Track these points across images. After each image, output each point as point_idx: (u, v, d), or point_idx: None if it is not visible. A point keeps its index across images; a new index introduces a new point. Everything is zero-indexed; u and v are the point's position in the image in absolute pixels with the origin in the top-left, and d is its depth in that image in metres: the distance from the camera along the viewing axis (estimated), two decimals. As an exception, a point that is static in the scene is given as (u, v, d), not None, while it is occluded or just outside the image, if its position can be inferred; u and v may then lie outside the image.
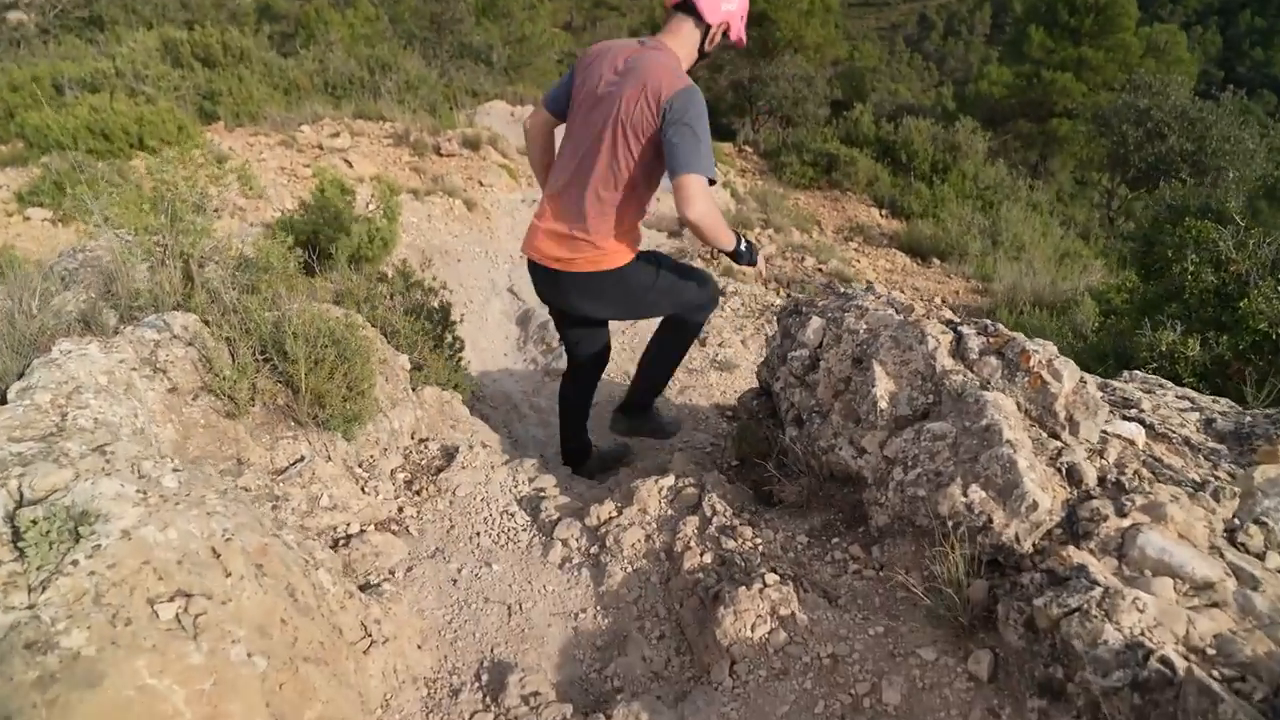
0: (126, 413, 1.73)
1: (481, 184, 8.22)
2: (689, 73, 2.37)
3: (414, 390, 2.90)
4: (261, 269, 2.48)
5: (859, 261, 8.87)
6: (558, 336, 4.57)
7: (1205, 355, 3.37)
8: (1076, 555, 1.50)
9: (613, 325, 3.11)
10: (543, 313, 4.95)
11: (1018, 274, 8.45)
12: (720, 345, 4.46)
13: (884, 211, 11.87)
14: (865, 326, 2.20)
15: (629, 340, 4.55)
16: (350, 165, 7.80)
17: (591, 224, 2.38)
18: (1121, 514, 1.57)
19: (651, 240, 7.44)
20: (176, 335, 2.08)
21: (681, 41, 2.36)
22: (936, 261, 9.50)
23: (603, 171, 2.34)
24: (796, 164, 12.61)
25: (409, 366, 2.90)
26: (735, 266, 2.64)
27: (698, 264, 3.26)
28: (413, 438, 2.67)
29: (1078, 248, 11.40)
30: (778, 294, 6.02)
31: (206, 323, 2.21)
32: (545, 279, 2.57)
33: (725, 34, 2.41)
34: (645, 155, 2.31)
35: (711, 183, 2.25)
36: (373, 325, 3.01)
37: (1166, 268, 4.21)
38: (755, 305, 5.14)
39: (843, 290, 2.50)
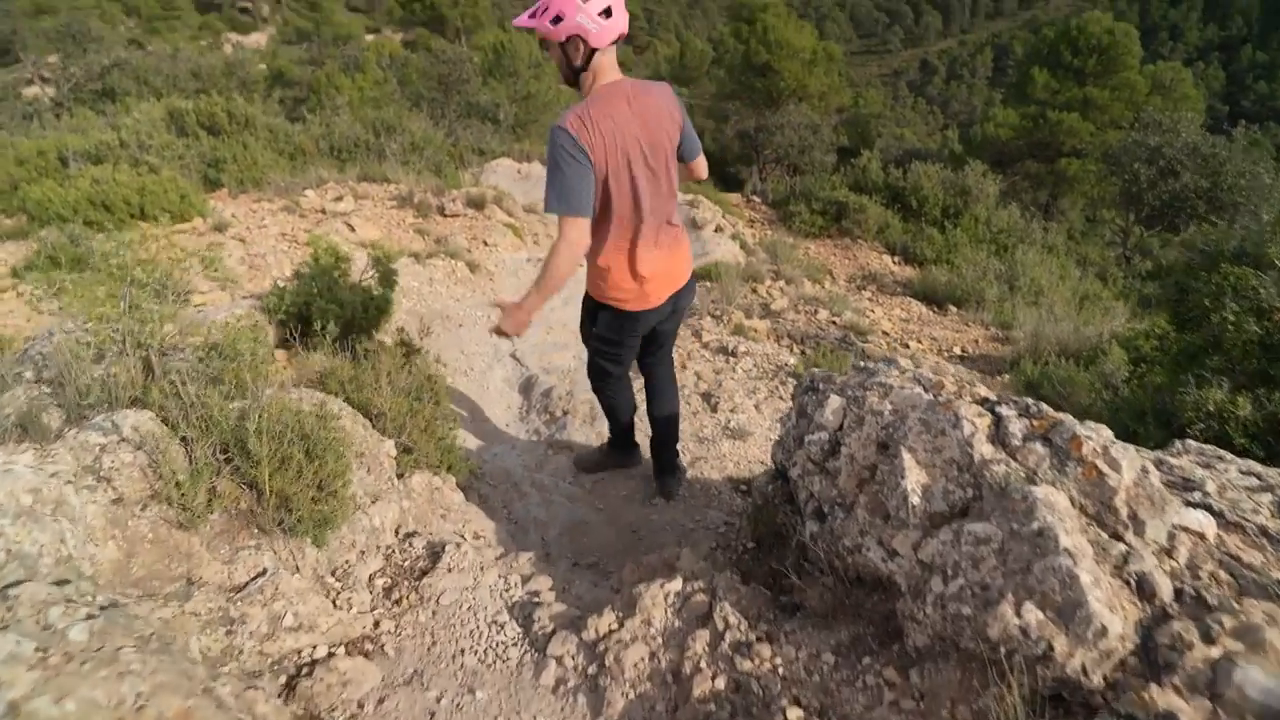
0: (50, 539, 1.52)
1: (486, 244, 8.09)
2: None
3: (401, 478, 2.68)
4: (229, 357, 2.28)
5: (873, 311, 8.65)
6: (561, 406, 4.36)
7: (1257, 415, 3.11)
8: (1161, 697, 1.25)
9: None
10: (547, 379, 4.74)
11: (1038, 320, 8.20)
12: (732, 411, 4.23)
13: (896, 258, 11.69)
14: (890, 407, 1.97)
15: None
16: (352, 229, 7.70)
17: (681, 231, 2.88)
18: (1209, 640, 1.32)
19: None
20: (125, 438, 1.88)
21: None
22: (953, 309, 9.27)
23: (671, 190, 2.72)
24: (805, 213, 12.49)
25: (395, 452, 2.68)
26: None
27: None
28: (397, 533, 2.45)
29: (1096, 290, 11.15)
30: (790, 351, 5.81)
31: (165, 420, 2.01)
32: (663, 308, 2.86)
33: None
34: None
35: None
36: (357, 409, 2.81)
37: (1203, 317, 3.96)
38: (768, 365, 4.91)
39: (863, 364, 2.27)
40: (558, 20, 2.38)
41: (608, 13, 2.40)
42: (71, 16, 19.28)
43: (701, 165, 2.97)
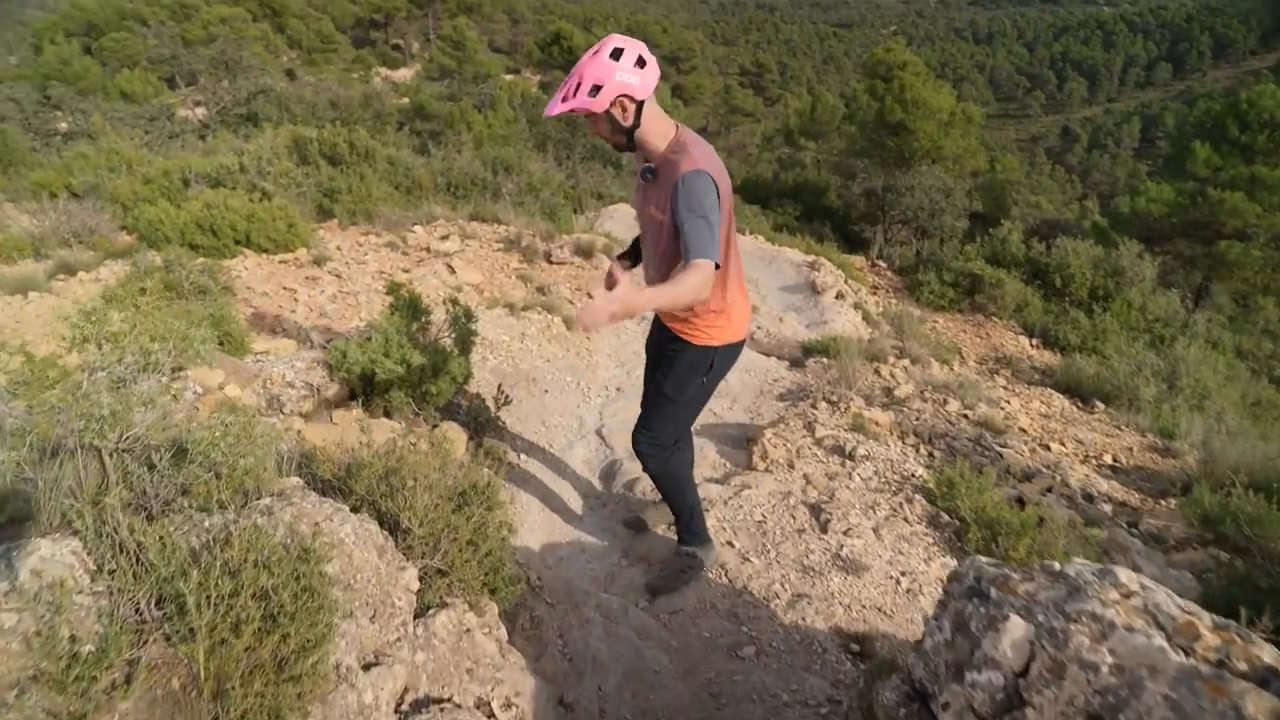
0: None
1: (590, 296, 7.64)
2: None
3: (422, 616, 2.13)
4: (206, 467, 1.78)
5: (1009, 402, 7.71)
6: (645, 492, 3.77)
7: None
8: None
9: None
10: (632, 467, 4.16)
11: (1208, 431, 7.12)
12: (846, 533, 3.52)
13: (1035, 341, 10.64)
14: (1111, 660, 1.27)
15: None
16: (453, 271, 7.39)
17: None
18: None
19: (768, 369, 6.61)
20: (19, 586, 1.38)
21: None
22: (1100, 405, 8.22)
23: None
24: (935, 283, 11.59)
25: (417, 586, 2.13)
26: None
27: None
28: (399, 706, 1.88)
29: (1271, 395, 9.83)
30: (917, 453, 5.04)
31: (95, 557, 1.51)
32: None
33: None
34: None
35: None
36: (382, 519, 2.29)
37: None
38: (891, 475, 4.17)
39: (1059, 568, 1.57)
40: (597, 90, 2.36)
41: (641, 62, 2.38)
42: (225, 44, 20.37)
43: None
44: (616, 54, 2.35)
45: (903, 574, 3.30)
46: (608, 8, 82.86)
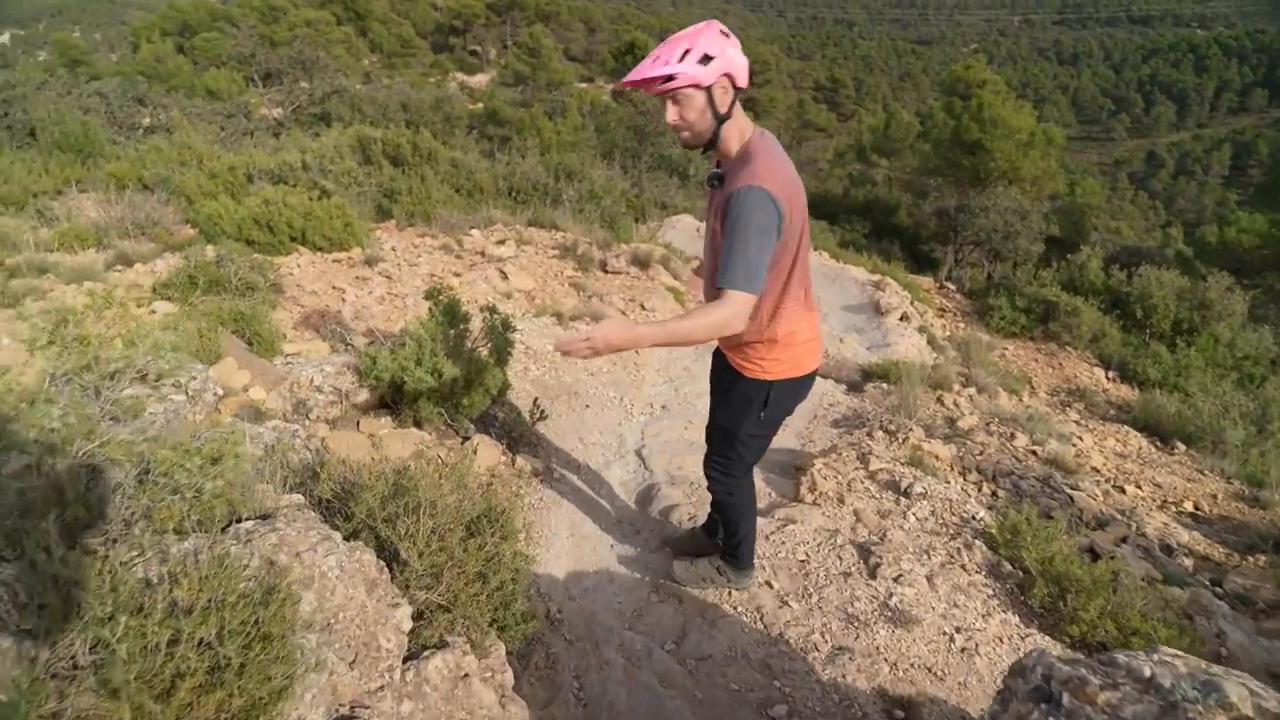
0: None
1: (644, 307, 7.44)
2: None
3: (413, 659, 1.93)
4: (169, 489, 1.61)
5: (1081, 439, 7.26)
6: (682, 522, 3.53)
7: None
8: None
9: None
10: (671, 493, 3.92)
11: (1301, 481, 6.59)
12: (897, 579, 3.23)
13: (1111, 374, 10.08)
14: (1220, 813, 1.00)
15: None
16: (505, 276, 7.26)
17: None
18: None
19: (824, 392, 6.31)
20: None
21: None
22: (1181, 447, 7.69)
23: None
24: (1006, 308, 11.09)
25: (409, 625, 1.94)
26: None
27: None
28: (376, 763, 1.68)
29: (1372, 445, 9.11)
30: (979, 491, 4.69)
31: (30, 588, 1.35)
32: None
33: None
34: None
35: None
36: (381, 547, 2.10)
37: None
38: (950, 518, 3.85)
39: (1149, 674, 1.29)
40: (708, 60, 2.09)
41: (741, 53, 2.17)
42: (304, 45, 20.80)
43: None
44: (726, 35, 2.15)
45: (957, 630, 3.00)
46: (685, 18, 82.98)
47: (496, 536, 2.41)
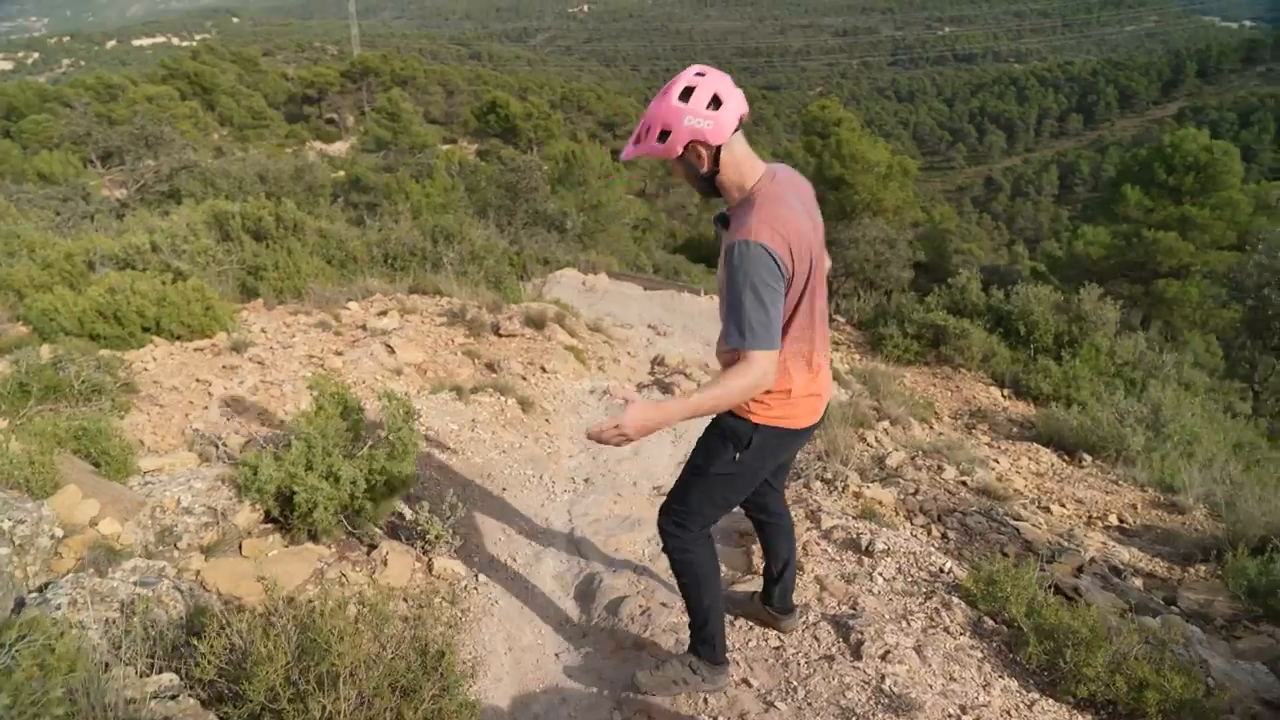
0: None
1: (544, 369, 7.00)
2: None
3: None
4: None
5: (998, 461, 7.23)
6: (636, 629, 3.07)
7: None
8: None
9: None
10: (614, 582, 3.47)
11: (1211, 481, 6.72)
12: (884, 657, 2.88)
13: (1006, 391, 10.28)
14: None
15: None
16: (392, 351, 6.69)
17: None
18: None
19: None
20: None
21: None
22: (1087, 458, 7.79)
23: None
24: (898, 336, 11.21)
25: None
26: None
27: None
28: None
29: (1250, 437, 9.57)
30: (929, 533, 4.45)
31: None
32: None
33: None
34: None
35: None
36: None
37: None
38: (918, 573, 3.54)
39: None
40: (665, 135, 2.16)
41: (716, 103, 2.12)
42: (145, 120, 19.50)
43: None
44: (686, 94, 2.11)
45: (963, 709, 2.67)
46: (541, 77, 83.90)
47: (436, 688, 1.92)
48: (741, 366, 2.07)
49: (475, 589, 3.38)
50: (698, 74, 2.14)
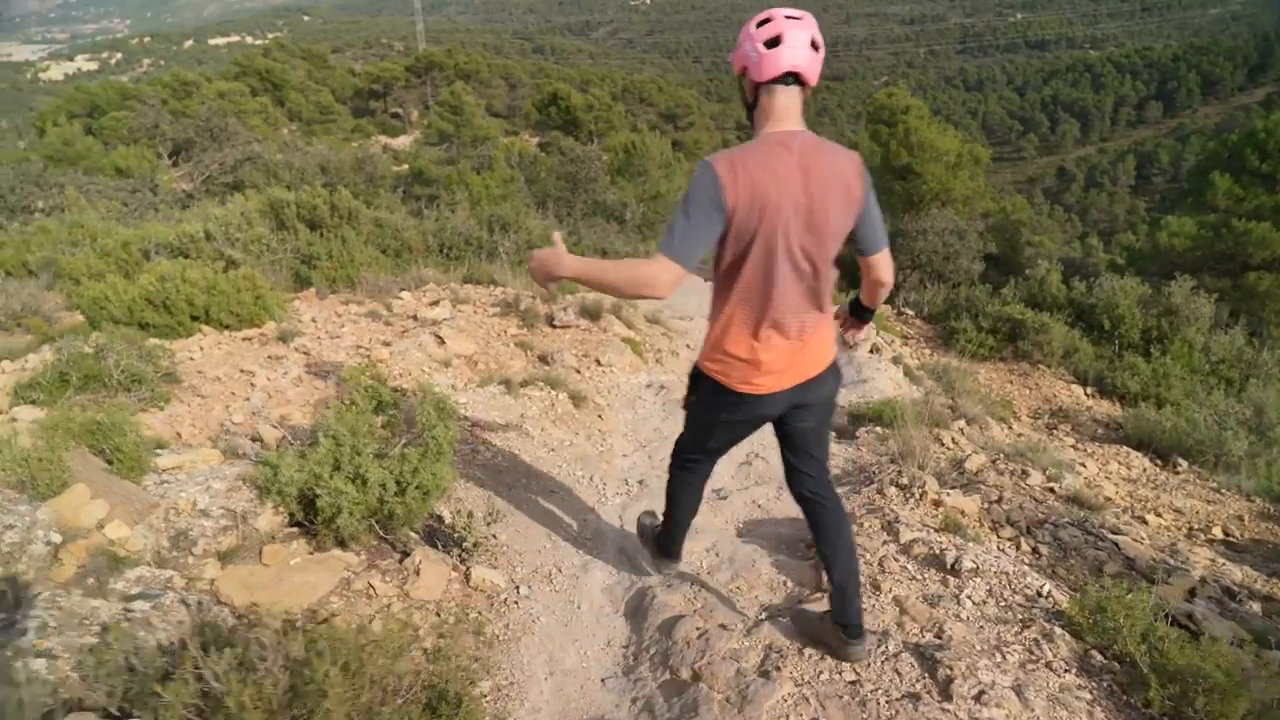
0: None
1: (599, 363, 6.70)
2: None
3: None
4: None
5: (1084, 465, 6.69)
6: (692, 659, 2.74)
7: None
8: None
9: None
10: (669, 599, 3.13)
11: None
12: (979, 698, 2.48)
13: (1089, 390, 9.65)
14: None
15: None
16: (442, 341, 6.45)
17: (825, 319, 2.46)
18: None
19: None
20: None
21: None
22: (1182, 463, 7.18)
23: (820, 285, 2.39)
24: (971, 330, 10.64)
25: None
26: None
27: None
28: None
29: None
30: (1017, 547, 4.01)
31: None
32: (777, 400, 2.42)
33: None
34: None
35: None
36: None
37: None
38: (1011, 596, 3.13)
39: None
40: (736, 49, 2.21)
41: (774, 42, 2.10)
42: (211, 113, 19.76)
43: (883, 264, 2.44)
44: (762, 23, 2.12)
45: (1074, 766, 2.27)
46: (603, 70, 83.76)
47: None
48: (644, 260, 2.11)
49: (515, 603, 3.07)
50: (787, 16, 2.11)
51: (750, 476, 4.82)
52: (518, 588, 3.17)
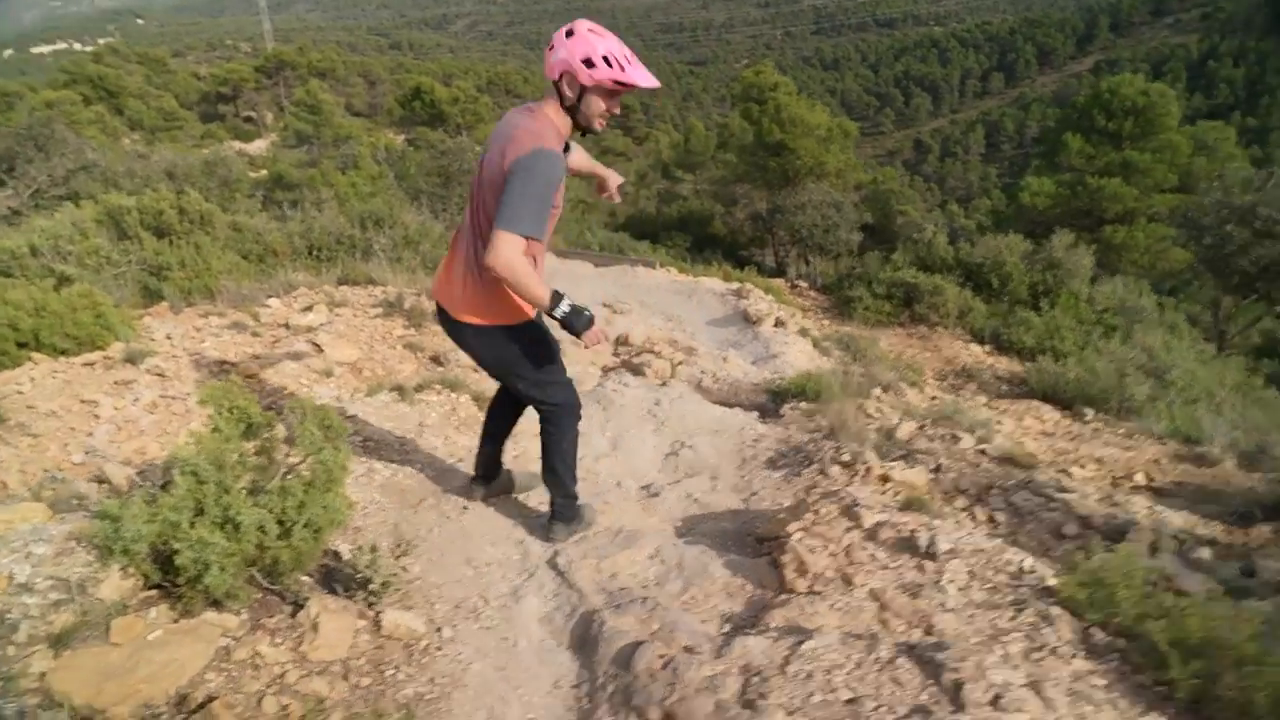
0: None
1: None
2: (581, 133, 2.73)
3: None
4: None
5: (1000, 423, 6.64)
6: (660, 698, 2.31)
7: None
8: None
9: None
10: (619, 624, 2.68)
11: (1230, 428, 6.22)
12: (995, 703, 2.15)
13: (987, 347, 9.76)
14: None
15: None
16: (320, 349, 5.79)
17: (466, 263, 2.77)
18: None
19: (740, 426, 5.26)
20: None
21: (551, 105, 2.60)
22: (1088, 412, 7.26)
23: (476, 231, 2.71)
24: (868, 297, 10.62)
25: None
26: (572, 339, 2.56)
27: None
28: None
29: (1241, 377, 9.17)
30: (971, 516, 3.77)
31: None
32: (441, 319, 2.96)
33: (577, 83, 2.50)
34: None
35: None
36: None
37: None
38: (994, 576, 2.84)
39: None
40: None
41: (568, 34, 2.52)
42: (34, 119, 17.88)
43: (492, 245, 2.42)
44: (569, 33, 2.49)
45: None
46: (465, 63, 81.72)
47: None
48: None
49: (439, 649, 2.56)
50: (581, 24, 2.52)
51: (679, 469, 4.43)
52: (440, 630, 2.66)
